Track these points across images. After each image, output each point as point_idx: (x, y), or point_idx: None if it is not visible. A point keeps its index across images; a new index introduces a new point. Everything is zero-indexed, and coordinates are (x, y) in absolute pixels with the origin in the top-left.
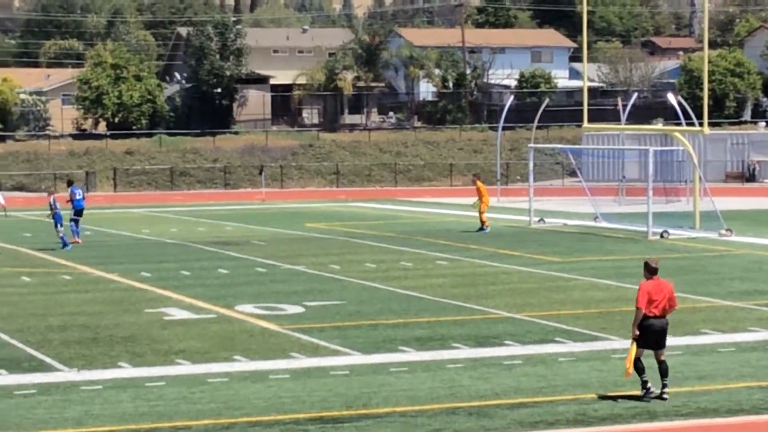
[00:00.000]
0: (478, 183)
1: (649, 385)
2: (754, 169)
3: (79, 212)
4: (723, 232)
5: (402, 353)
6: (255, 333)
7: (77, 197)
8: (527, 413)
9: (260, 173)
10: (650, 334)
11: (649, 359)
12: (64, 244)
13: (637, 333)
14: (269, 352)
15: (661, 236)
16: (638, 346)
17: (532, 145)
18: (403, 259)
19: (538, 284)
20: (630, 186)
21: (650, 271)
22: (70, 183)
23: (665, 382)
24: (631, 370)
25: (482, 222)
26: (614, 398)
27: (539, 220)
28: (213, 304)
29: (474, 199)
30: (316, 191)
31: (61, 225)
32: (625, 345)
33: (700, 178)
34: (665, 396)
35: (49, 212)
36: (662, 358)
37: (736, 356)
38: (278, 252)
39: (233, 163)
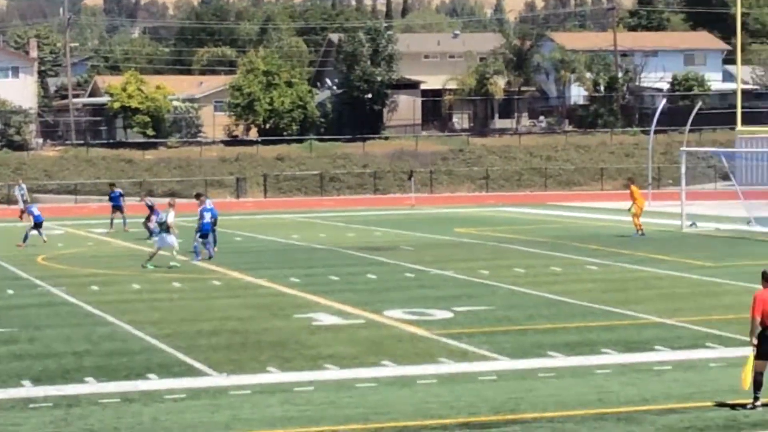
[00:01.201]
0: (632, 187)
1: (757, 403)
2: None
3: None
4: None
5: (550, 359)
6: (403, 338)
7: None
8: (677, 419)
9: (410, 178)
10: None
11: None
12: (197, 254)
13: (755, 342)
14: (417, 358)
15: None
16: (756, 358)
17: (684, 148)
18: (553, 264)
19: (689, 289)
20: None
21: (767, 279)
22: (198, 196)
23: None
24: (749, 381)
25: (636, 226)
26: (764, 405)
27: (691, 225)
28: (361, 309)
29: (630, 204)
30: (465, 196)
31: (201, 236)
32: None
33: None
34: None
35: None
36: None
37: None
38: (427, 257)
39: (383, 169)
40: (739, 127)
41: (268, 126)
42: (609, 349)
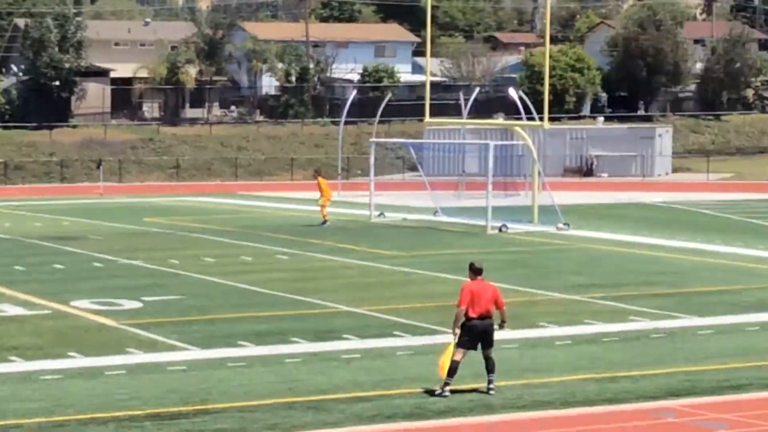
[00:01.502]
0: (319, 179)
1: (447, 389)
2: (592, 164)
3: None
4: (560, 226)
5: (240, 348)
6: (90, 329)
7: None
8: (365, 407)
9: (98, 167)
10: (472, 335)
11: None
12: None
13: (458, 332)
14: (105, 348)
15: (500, 230)
16: (457, 346)
17: (373, 139)
18: (243, 254)
19: (377, 278)
20: (470, 180)
21: (474, 271)
22: None
23: (491, 377)
24: (446, 369)
25: (323, 216)
26: (452, 391)
27: (379, 215)
28: (47, 299)
29: (319, 195)
30: (155, 186)
31: None
32: None
33: (539, 173)
34: (492, 391)
35: None
36: (490, 355)
37: (572, 349)
38: (116, 247)
39: (71, 157)
40: (427, 118)
41: None
42: (299, 337)
